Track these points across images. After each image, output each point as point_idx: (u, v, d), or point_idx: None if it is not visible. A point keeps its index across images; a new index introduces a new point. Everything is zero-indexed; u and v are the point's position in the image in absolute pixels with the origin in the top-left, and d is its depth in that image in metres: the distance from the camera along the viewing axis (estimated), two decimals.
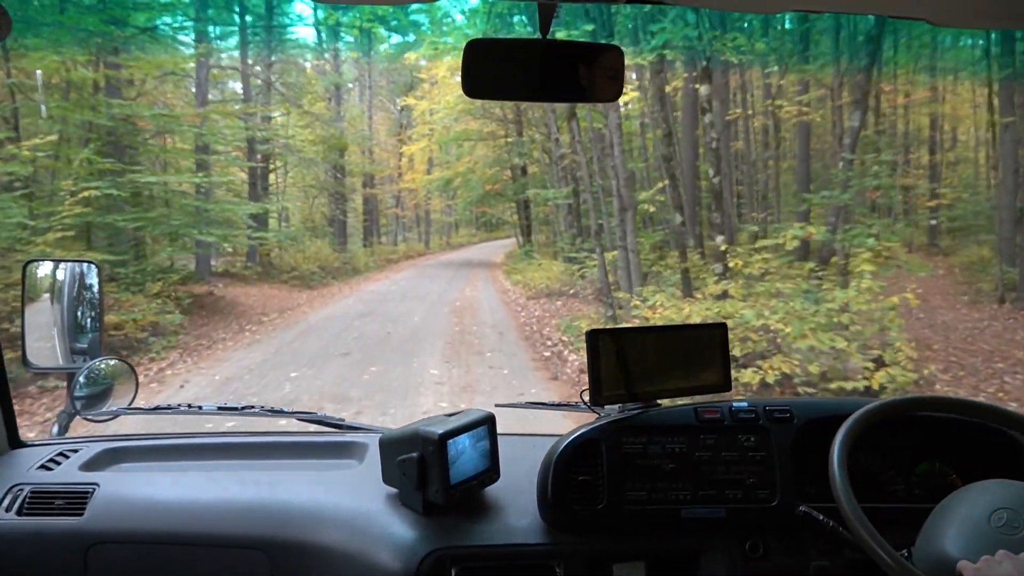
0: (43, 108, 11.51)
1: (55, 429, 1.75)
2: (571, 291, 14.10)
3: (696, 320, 6.57)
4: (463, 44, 1.18)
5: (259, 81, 20.67)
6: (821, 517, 1.27)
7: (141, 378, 3.48)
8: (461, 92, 1.35)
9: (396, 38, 23.66)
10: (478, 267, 23.42)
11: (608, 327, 1.81)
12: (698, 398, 1.49)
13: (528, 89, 1.28)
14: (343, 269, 21.44)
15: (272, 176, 25.06)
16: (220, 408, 1.78)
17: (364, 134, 26.95)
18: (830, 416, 1.34)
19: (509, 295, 15.03)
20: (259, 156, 20.41)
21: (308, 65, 22.91)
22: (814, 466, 1.31)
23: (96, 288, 1.87)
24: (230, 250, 19.72)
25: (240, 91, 21.04)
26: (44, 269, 1.92)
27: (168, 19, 14.04)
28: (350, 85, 28.12)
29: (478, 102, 14.20)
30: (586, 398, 1.43)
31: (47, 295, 1.85)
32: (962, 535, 1.08)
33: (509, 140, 23.05)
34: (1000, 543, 1.02)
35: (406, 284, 18.87)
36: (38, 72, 11.13)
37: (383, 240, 33.37)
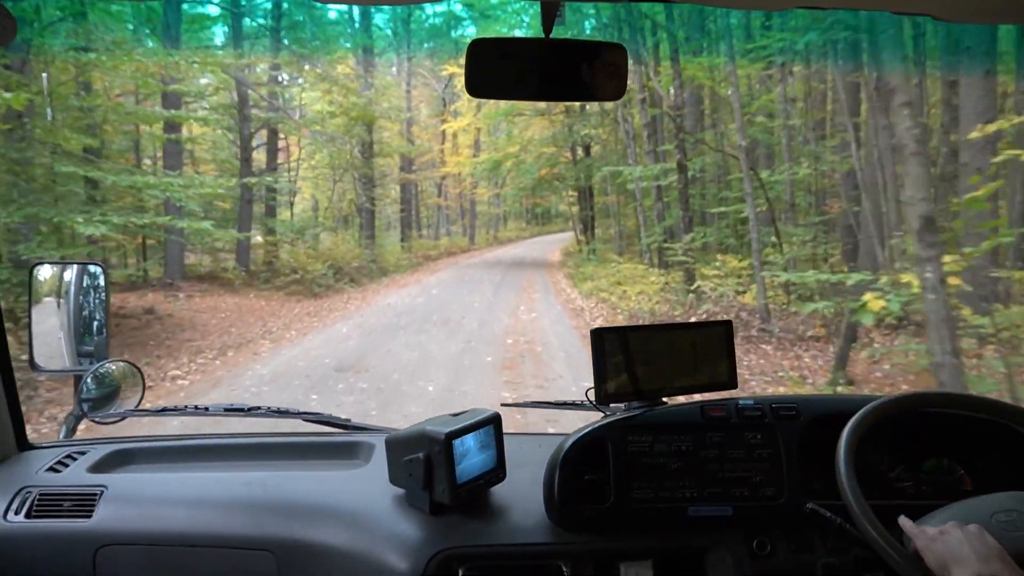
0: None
1: (63, 431, 1.72)
2: (689, 316, 6.44)
3: None
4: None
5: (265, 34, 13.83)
6: (828, 514, 1.22)
7: None
8: None
9: (442, 7, 19.87)
10: (532, 269, 16.67)
11: (613, 325, 1.90)
12: (704, 396, 1.43)
13: (532, 88, 1.20)
14: (366, 270, 18.52)
15: (294, 158, 18.41)
16: (227, 409, 1.73)
17: (399, 107, 20.17)
18: (837, 413, 1.29)
19: (588, 320, 10.20)
20: (252, 125, 13.37)
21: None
22: (821, 463, 1.27)
23: (102, 290, 1.82)
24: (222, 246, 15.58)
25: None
26: (50, 271, 1.85)
27: None
28: (391, 69, 21.38)
29: None
30: (591, 396, 1.40)
31: (53, 297, 1.79)
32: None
33: (573, 107, 16.06)
34: (999, 539, 1.02)
35: (438, 295, 14.13)
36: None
37: (424, 234, 29.41)
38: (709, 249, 11.93)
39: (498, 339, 8.27)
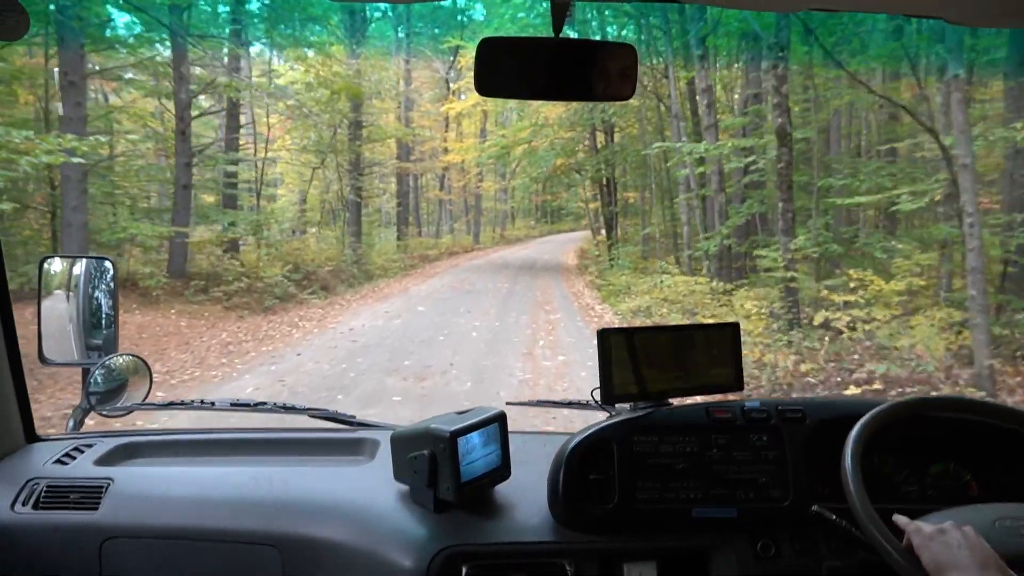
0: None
1: (70, 424, 1.73)
2: (840, 379, 5.52)
3: None
4: None
5: None
6: (834, 517, 1.22)
7: None
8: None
9: None
10: (546, 275, 11.78)
11: (619, 326, 1.76)
12: (709, 397, 1.45)
13: (541, 87, 1.18)
14: (344, 274, 14.05)
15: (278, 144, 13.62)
16: (233, 404, 1.75)
17: (393, 81, 15.58)
18: (843, 416, 1.30)
19: None
20: (192, 88, 7.83)
21: None
22: (827, 466, 1.28)
23: (111, 284, 1.81)
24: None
25: None
26: (59, 265, 1.85)
27: None
28: (388, 42, 16.97)
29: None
30: (597, 396, 1.40)
31: (62, 291, 1.78)
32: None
33: None
34: (1000, 544, 1.03)
35: (425, 313, 10.11)
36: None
37: (424, 231, 24.94)
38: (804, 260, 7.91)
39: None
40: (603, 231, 19.19)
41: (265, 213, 15.33)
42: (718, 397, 1.43)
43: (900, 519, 1.08)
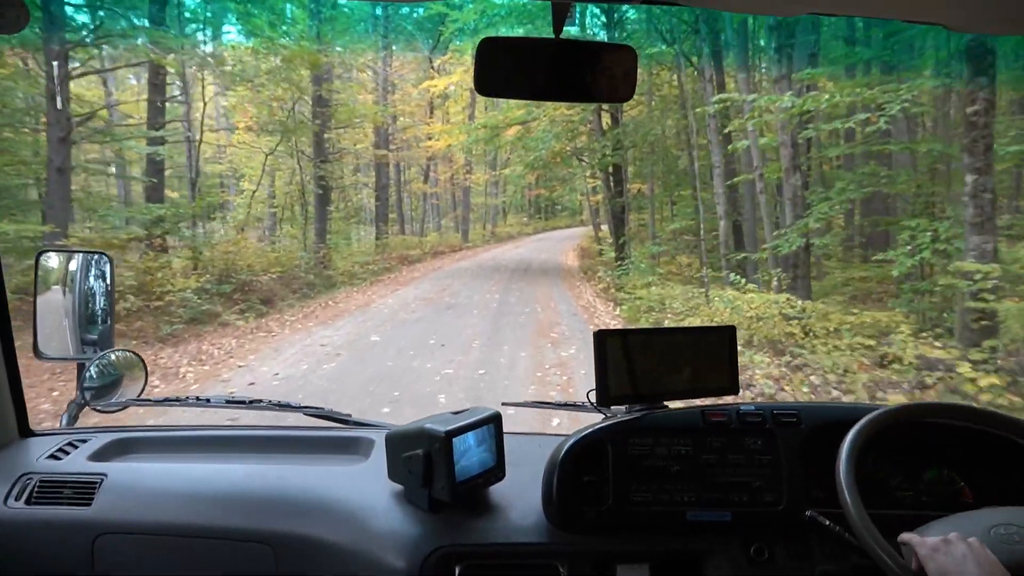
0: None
1: (64, 419, 1.75)
2: None
3: None
4: None
5: None
6: (828, 522, 1.21)
7: None
8: None
9: None
10: (546, 281, 7.43)
11: (616, 328, 1.53)
12: (705, 400, 1.45)
13: (541, 88, 1.16)
14: (297, 282, 11.46)
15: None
16: (228, 401, 1.74)
17: (362, 50, 11.29)
18: (838, 421, 1.32)
19: None
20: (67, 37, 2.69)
21: None
22: (821, 471, 1.30)
23: (108, 279, 1.79)
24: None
25: None
26: (56, 260, 1.84)
27: None
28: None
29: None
30: (592, 398, 1.43)
31: (59, 285, 1.76)
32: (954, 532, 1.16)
33: None
34: (996, 551, 0.99)
35: (379, 343, 7.27)
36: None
37: (408, 229, 21.12)
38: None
39: None
40: (605, 227, 16.45)
41: (186, 206, 11.94)
42: (714, 400, 1.47)
43: (909, 537, 1.06)
